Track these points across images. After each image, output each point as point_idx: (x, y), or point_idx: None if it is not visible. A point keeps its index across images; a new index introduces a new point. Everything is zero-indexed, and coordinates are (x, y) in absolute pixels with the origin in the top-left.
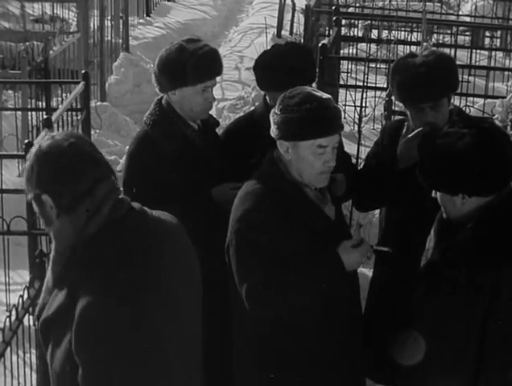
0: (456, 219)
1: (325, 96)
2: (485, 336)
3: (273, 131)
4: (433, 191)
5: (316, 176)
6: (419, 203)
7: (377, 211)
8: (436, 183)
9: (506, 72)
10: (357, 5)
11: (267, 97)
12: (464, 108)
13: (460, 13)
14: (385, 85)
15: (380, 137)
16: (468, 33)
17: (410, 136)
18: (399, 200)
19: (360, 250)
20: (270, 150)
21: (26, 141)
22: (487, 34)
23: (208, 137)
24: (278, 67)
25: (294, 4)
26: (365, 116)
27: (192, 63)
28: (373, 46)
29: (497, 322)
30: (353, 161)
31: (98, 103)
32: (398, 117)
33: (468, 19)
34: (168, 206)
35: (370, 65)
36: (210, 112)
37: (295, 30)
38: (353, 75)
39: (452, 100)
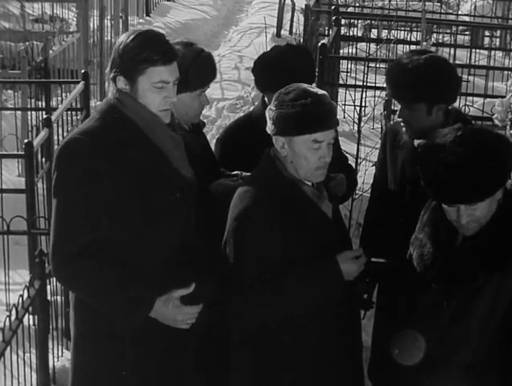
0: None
1: (320, 91)
2: (506, 338)
3: (269, 127)
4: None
5: (312, 172)
6: (418, 204)
7: None
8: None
9: (506, 72)
10: (357, 4)
11: (266, 98)
12: (463, 108)
13: (460, 12)
14: (384, 85)
15: (382, 141)
16: (467, 32)
17: None
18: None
19: (358, 262)
20: (267, 149)
21: (25, 140)
22: (486, 33)
23: (198, 138)
24: (276, 68)
25: (293, 4)
26: (365, 115)
27: (194, 70)
28: (373, 45)
29: None
30: (352, 160)
31: (98, 102)
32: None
33: (467, 19)
34: None
35: (370, 65)
36: None
37: (294, 30)
38: (353, 75)
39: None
